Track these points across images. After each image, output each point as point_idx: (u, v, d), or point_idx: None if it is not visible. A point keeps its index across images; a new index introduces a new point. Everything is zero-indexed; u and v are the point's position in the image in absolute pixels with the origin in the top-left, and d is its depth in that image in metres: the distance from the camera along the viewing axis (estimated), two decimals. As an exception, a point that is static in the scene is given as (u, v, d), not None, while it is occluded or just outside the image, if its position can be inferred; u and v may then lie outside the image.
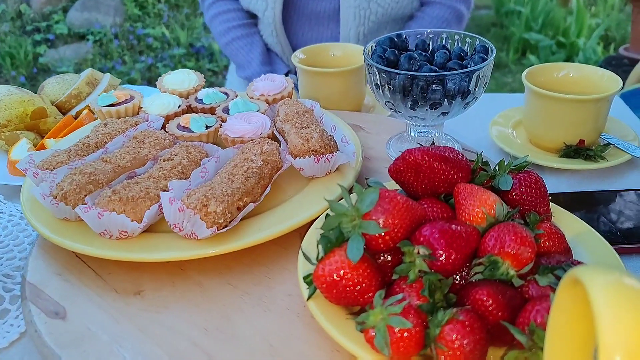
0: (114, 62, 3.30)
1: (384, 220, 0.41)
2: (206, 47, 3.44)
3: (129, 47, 3.47)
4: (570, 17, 2.97)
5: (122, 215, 0.49)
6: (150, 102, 0.70)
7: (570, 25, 2.89)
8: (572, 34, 2.85)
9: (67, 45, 3.49)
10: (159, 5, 3.85)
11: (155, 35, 3.56)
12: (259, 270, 0.51)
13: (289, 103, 0.67)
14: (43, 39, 3.49)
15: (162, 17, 3.79)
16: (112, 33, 3.51)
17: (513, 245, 0.40)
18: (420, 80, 0.57)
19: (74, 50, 3.43)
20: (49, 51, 3.39)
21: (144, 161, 0.59)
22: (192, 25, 3.72)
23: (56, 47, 3.47)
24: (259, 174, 0.55)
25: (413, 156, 0.46)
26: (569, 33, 2.86)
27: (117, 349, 0.44)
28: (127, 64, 3.24)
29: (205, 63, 3.30)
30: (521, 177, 0.49)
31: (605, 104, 0.70)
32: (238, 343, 0.44)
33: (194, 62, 3.32)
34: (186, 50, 3.41)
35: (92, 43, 3.44)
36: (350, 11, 1.16)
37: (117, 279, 0.51)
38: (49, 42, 3.50)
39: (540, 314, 0.36)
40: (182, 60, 3.31)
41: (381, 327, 0.37)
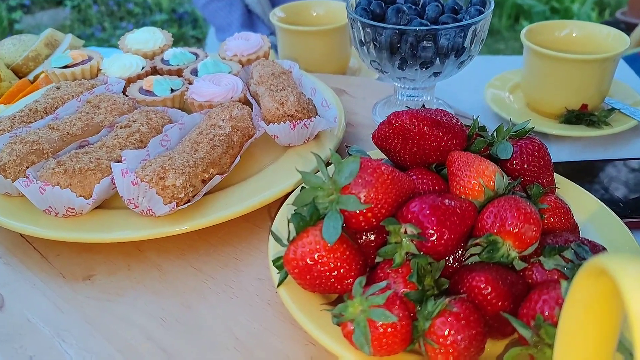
0: (93, 28, 3.17)
1: (366, 194, 0.35)
2: (189, 12, 3.32)
3: (108, 13, 3.34)
4: (564, -19, 2.88)
5: (67, 190, 0.43)
6: (111, 63, 0.63)
7: (564, -10, 2.80)
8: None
9: (43, 10, 3.35)
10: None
11: (136, 1, 3.42)
12: (226, 251, 0.45)
13: (265, 64, 0.60)
14: (18, 4, 3.34)
15: (143, -19, 3.64)
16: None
17: (515, 222, 0.34)
18: (409, 35, 0.51)
19: (51, 16, 3.30)
20: (25, 17, 3.25)
21: (98, 128, 0.52)
22: (174, -9, 3.58)
23: (32, 13, 3.33)
24: (227, 142, 0.49)
25: (400, 120, 0.40)
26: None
27: (59, 343, 0.38)
28: (107, 30, 3.12)
29: (188, 29, 3.19)
30: (522, 145, 0.43)
31: (610, 64, 0.64)
32: (199, 336, 0.38)
33: (177, 28, 3.21)
34: (168, 16, 3.28)
35: (70, 9, 3.30)
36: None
37: (65, 262, 0.45)
38: (25, 7, 3.36)
39: (548, 305, 0.30)
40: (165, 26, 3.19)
41: (361, 320, 0.31)
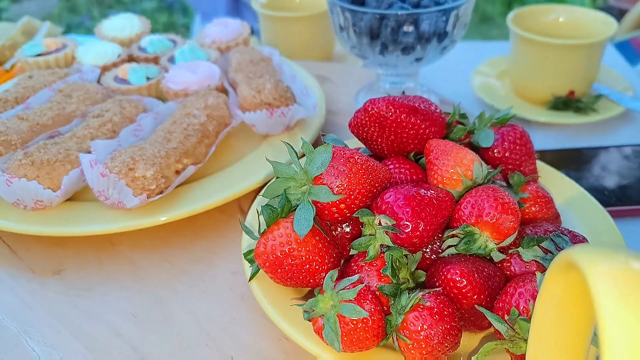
0: (82, 16, 3.13)
1: (339, 184, 0.33)
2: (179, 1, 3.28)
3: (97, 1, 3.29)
4: (558, -34, 2.85)
5: (35, 182, 0.41)
6: (86, 51, 0.61)
7: (558, -25, 2.78)
8: (559, -16, 2.75)
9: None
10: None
11: (125, -12, 3.37)
12: (200, 245, 0.44)
13: (243, 50, 0.58)
14: (5, -7, 3.29)
15: (132, -32, 3.59)
16: (79, -14, 3.32)
17: (493, 213, 0.33)
18: (390, 20, 0.49)
19: (39, 4, 3.25)
20: (13, 6, 3.20)
21: (69, 118, 0.51)
22: (164, -22, 3.53)
23: (20, 2, 3.28)
24: (201, 132, 0.47)
25: (377, 107, 0.39)
26: (556, -17, 2.76)
27: (26, 340, 0.37)
28: (96, 19, 3.08)
29: (178, 18, 3.15)
30: (504, 132, 0.42)
31: (597, 50, 0.63)
32: (170, 332, 0.37)
33: (167, 16, 3.17)
34: (158, 3, 3.24)
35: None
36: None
37: (35, 257, 0.43)
38: (12, -4, 3.31)
39: (524, 298, 0.29)
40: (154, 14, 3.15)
41: (331, 316, 0.30)
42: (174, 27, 3.00)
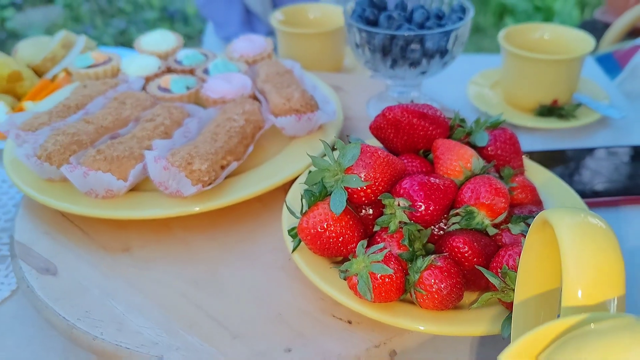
0: (85, 26, 3.20)
1: (366, 174, 0.42)
2: (180, 10, 3.36)
3: (100, 10, 3.37)
4: (546, -20, 2.97)
5: (109, 174, 0.50)
6: (129, 63, 0.70)
7: (546, -11, 2.89)
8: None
9: (35, 8, 3.38)
10: (130, -33, 3.73)
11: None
12: (243, 227, 0.52)
13: (270, 63, 0.67)
14: (10, 2, 3.36)
15: (134, -21, 3.67)
16: (82, -4, 3.39)
17: (488, 196, 0.42)
18: (399, 39, 0.58)
19: (43, 14, 3.32)
20: (17, 15, 3.27)
21: (125, 122, 0.59)
22: (165, -12, 3.61)
23: (24, 11, 3.35)
24: (241, 133, 0.56)
25: (393, 113, 0.48)
26: (546, -4, 2.87)
27: (109, 301, 0.45)
28: (99, 28, 3.15)
29: (180, 27, 3.23)
30: (496, 134, 0.51)
31: (577, 64, 0.72)
32: (226, 295, 0.45)
33: (169, 25, 3.25)
34: (160, 14, 3.32)
35: (62, 7, 3.33)
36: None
37: (104, 237, 0.52)
38: (16, 5, 3.38)
39: (512, 257, 0.38)
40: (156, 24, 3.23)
41: (364, 274, 0.39)
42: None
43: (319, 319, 0.43)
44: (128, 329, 0.43)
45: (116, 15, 3.29)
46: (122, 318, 0.43)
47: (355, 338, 0.41)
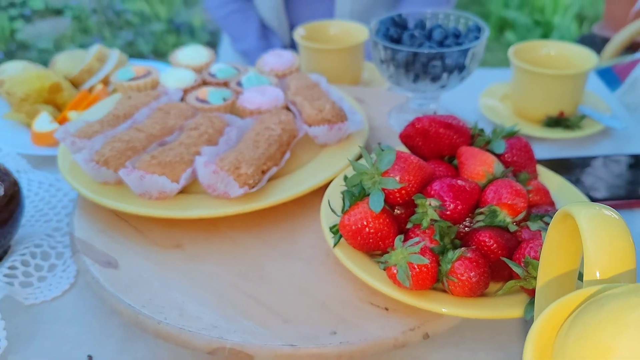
0: (94, 37, 3.26)
1: (400, 177, 0.48)
2: (187, 23, 3.42)
3: (108, 22, 3.43)
4: (545, -5, 3.05)
5: (163, 177, 0.55)
6: (167, 77, 0.75)
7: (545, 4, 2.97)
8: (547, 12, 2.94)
9: (44, 20, 3.44)
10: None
11: (134, 11, 3.52)
12: (283, 227, 0.58)
13: (299, 77, 0.73)
14: (19, 14, 3.43)
15: (140, -8, 3.74)
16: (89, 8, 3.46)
17: (509, 197, 0.47)
18: (422, 56, 0.64)
19: (52, 25, 3.39)
20: (26, 27, 3.34)
21: (171, 130, 0.64)
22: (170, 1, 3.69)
23: (33, 22, 3.41)
24: (279, 141, 0.61)
25: (421, 123, 0.53)
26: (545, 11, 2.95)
27: (168, 291, 0.50)
28: (107, 39, 3.22)
29: (186, 39, 3.29)
30: (512, 142, 0.56)
31: (581, 78, 0.78)
32: (273, 286, 0.51)
33: (175, 38, 3.31)
34: (167, 26, 3.38)
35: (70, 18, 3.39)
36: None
37: (157, 235, 0.57)
38: (25, 17, 3.44)
39: (533, 249, 0.43)
40: (163, 36, 3.29)
41: (403, 264, 0.44)
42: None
43: (358, 306, 0.48)
44: (188, 314, 0.48)
45: (124, 27, 3.35)
46: (182, 305, 0.49)
47: (392, 322, 0.46)
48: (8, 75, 0.86)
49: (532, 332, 0.26)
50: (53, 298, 0.56)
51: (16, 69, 0.88)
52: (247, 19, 1.36)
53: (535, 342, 0.25)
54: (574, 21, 2.95)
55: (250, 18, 1.36)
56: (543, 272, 0.38)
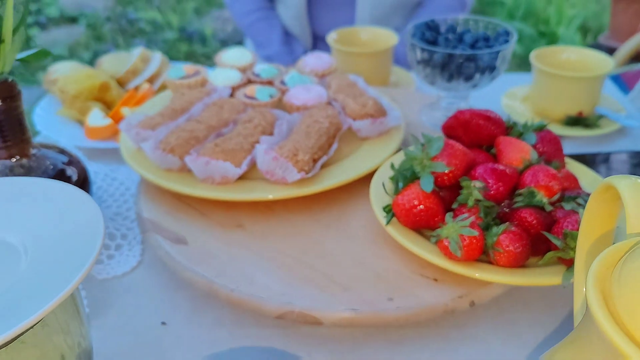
0: (107, 45, 3.33)
1: (448, 161, 0.53)
2: (198, 31, 3.49)
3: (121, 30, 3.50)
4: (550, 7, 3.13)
5: (228, 163, 0.61)
6: (215, 76, 0.81)
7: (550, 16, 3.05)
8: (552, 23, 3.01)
9: (59, 28, 3.51)
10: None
11: (147, 19, 3.59)
12: (334, 210, 0.63)
13: (339, 77, 0.79)
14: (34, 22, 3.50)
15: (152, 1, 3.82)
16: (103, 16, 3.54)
17: (545, 179, 0.53)
18: (457, 57, 0.70)
19: (67, 33, 3.46)
20: (42, 34, 3.40)
21: (226, 123, 0.70)
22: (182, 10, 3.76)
23: (48, 30, 3.48)
24: (327, 133, 0.67)
25: (463, 115, 0.59)
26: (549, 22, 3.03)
27: (237, 264, 0.55)
28: (120, 47, 3.28)
29: (198, 47, 3.36)
30: (543, 135, 0.62)
31: (599, 81, 0.84)
32: (330, 259, 0.56)
33: (187, 46, 3.37)
34: (179, 34, 3.45)
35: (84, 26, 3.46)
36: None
37: (218, 216, 0.62)
38: (41, 25, 3.51)
39: (571, 223, 0.49)
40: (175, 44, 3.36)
41: (455, 236, 0.49)
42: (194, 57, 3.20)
43: (410, 277, 0.54)
44: (258, 283, 0.53)
45: (137, 35, 3.42)
46: (251, 276, 0.54)
47: (441, 291, 0.52)
48: (61, 74, 0.92)
49: (591, 273, 0.31)
50: (123, 274, 0.61)
51: (67, 69, 0.94)
52: (271, 26, 1.42)
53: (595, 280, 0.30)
54: (578, 32, 3.02)
55: (274, 26, 1.42)
56: (583, 236, 0.43)
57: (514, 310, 0.56)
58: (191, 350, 0.53)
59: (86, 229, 0.39)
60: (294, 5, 1.36)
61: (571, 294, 0.56)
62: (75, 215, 0.40)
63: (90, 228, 0.39)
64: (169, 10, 3.60)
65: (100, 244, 0.38)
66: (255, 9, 1.42)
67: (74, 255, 0.37)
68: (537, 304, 0.56)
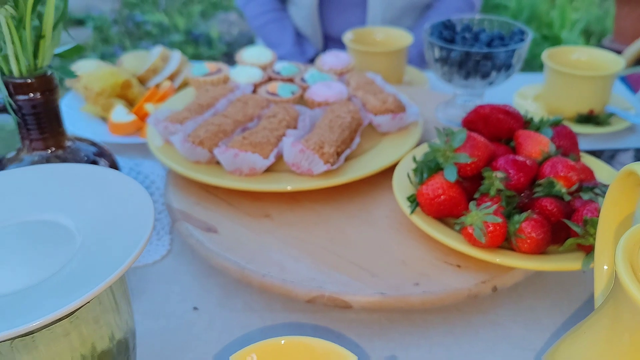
0: (114, 47, 3.35)
1: (470, 153, 0.55)
2: (205, 34, 3.52)
3: (128, 33, 3.53)
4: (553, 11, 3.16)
5: (256, 154, 0.63)
6: (237, 73, 0.83)
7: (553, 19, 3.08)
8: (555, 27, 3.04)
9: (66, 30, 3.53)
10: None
11: (153, 22, 3.62)
12: (357, 201, 0.65)
13: (358, 74, 0.81)
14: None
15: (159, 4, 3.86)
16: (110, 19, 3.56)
17: (564, 170, 0.55)
18: (474, 55, 0.72)
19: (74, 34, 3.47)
20: (49, 35, 3.42)
21: (251, 117, 0.72)
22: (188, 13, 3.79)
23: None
24: (349, 128, 0.69)
25: (483, 110, 0.61)
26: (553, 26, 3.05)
27: (267, 251, 0.58)
28: (127, 49, 3.31)
29: (204, 50, 3.38)
30: (559, 129, 0.64)
31: (609, 80, 0.86)
32: (358, 247, 0.58)
33: (193, 48, 3.40)
34: (185, 37, 3.48)
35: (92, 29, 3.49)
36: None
37: (246, 206, 0.64)
38: (48, 26, 3.52)
39: (590, 211, 0.51)
40: (182, 46, 3.38)
41: (479, 223, 0.51)
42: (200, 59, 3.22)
43: (434, 264, 0.56)
44: (288, 269, 0.55)
45: (143, 37, 3.45)
46: (281, 262, 0.56)
47: (465, 276, 0.54)
48: (85, 71, 0.94)
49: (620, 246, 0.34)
50: (154, 262, 0.63)
51: (90, 67, 0.96)
52: (283, 27, 1.45)
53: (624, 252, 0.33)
54: (581, 36, 3.05)
55: (286, 27, 1.44)
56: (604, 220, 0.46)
57: (533, 296, 0.58)
58: (223, 333, 0.55)
59: (137, 215, 0.41)
60: (305, 6, 1.39)
61: (588, 281, 0.59)
62: (127, 202, 0.43)
63: (141, 214, 0.41)
64: (176, 13, 3.64)
65: (152, 227, 0.40)
66: (267, 11, 1.45)
67: (126, 238, 0.40)
68: (556, 291, 0.58)
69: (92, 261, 0.38)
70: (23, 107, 0.59)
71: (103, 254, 0.39)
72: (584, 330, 0.39)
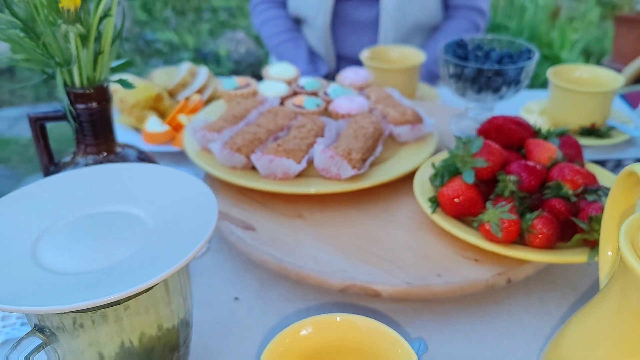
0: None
1: (486, 158, 0.62)
2: (213, 52, 3.61)
3: (138, 50, 3.62)
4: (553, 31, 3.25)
5: (290, 160, 0.69)
6: (265, 87, 0.90)
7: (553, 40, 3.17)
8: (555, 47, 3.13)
9: (78, 47, 3.61)
10: (165, 12, 4.01)
11: (163, 40, 3.71)
12: (380, 203, 0.72)
13: (377, 89, 0.88)
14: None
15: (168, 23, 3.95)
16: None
17: (571, 174, 0.61)
18: (487, 72, 0.79)
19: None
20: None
21: (281, 127, 0.79)
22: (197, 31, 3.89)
23: (68, 49, 3.58)
24: (372, 137, 0.76)
25: (497, 121, 0.68)
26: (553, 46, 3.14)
27: (302, 247, 0.64)
28: (138, 66, 3.39)
29: (212, 67, 3.47)
30: (564, 139, 0.71)
31: (610, 96, 0.93)
32: (383, 244, 0.64)
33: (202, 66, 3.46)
34: (194, 54, 3.57)
35: (104, 46, 3.56)
36: (389, 20, 1.38)
37: (280, 208, 0.71)
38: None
39: (595, 209, 0.57)
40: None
41: (495, 219, 0.58)
42: (209, 75, 3.28)
43: (453, 258, 0.62)
44: (322, 262, 0.61)
45: (154, 55, 3.54)
46: (315, 256, 0.62)
47: (482, 269, 0.60)
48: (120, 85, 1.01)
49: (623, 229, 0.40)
50: (196, 258, 0.69)
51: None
52: (297, 47, 1.52)
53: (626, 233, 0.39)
54: (581, 56, 3.14)
55: (300, 46, 1.52)
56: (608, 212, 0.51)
57: (543, 289, 0.63)
58: (262, 320, 0.60)
59: (202, 210, 0.47)
60: (319, 28, 1.46)
61: (592, 276, 0.64)
62: (193, 199, 0.49)
63: (205, 209, 0.48)
64: (185, 32, 3.73)
65: (215, 221, 0.46)
66: (282, 31, 1.52)
67: (192, 230, 0.46)
68: (563, 284, 0.64)
69: (160, 249, 0.44)
70: (81, 114, 0.65)
71: (171, 243, 0.44)
72: (589, 309, 0.45)
